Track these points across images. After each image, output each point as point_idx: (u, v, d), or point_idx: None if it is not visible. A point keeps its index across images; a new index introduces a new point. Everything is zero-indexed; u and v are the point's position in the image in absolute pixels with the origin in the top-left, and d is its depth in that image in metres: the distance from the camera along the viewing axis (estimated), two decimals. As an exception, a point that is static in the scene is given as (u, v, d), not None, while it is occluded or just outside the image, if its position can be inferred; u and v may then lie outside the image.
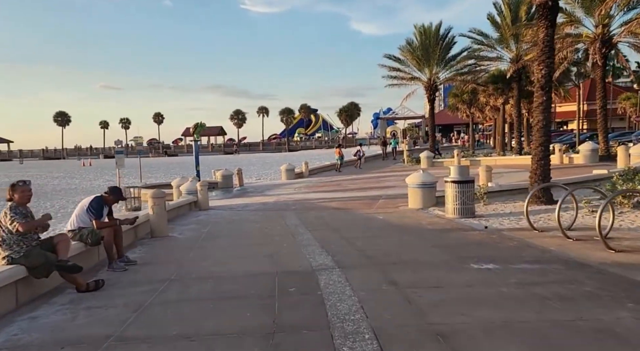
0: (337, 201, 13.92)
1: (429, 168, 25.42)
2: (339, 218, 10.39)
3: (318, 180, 22.91)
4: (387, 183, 18.70)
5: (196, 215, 12.40)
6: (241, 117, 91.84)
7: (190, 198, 13.99)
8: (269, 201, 15.09)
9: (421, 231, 8.25)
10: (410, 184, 11.62)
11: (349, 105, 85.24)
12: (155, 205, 8.52)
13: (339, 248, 6.90)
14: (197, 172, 20.14)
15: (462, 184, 9.46)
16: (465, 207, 9.49)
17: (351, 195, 15.37)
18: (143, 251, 7.31)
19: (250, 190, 19.38)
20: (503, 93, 28.57)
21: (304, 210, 12.35)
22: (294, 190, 18.30)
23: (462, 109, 36.31)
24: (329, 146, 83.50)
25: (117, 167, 20.57)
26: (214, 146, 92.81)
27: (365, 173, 24.91)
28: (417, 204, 11.39)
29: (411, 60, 27.19)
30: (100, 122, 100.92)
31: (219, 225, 10.35)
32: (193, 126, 19.95)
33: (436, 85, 27.53)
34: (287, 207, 13.11)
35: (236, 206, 14.28)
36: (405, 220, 9.64)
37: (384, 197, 14.12)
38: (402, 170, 25.57)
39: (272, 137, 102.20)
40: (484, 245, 6.74)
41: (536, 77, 10.46)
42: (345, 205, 12.72)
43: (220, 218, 11.65)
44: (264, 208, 13.41)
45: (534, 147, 10.42)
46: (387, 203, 12.62)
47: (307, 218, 10.67)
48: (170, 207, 11.81)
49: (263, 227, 9.56)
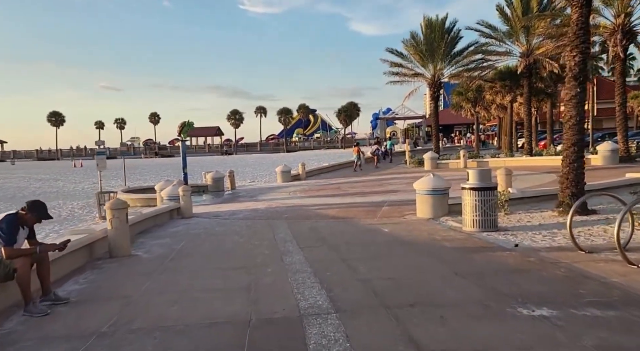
0: (335, 208, 12.43)
1: (433, 170, 23.97)
2: (337, 231, 8.89)
3: (315, 182, 21.42)
4: (389, 187, 17.21)
5: (175, 225, 10.90)
6: (238, 117, 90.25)
7: (170, 205, 12.50)
8: (260, 207, 13.60)
9: (438, 250, 6.74)
10: (419, 190, 10.12)
11: (348, 105, 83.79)
12: (114, 218, 7.01)
13: (337, 277, 5.40)
14: (185, 174, 18.60)
15: (484, 192, 7.96)
16: (487, 218, 7.98)
17: (351, 200, 13.88)
18: (88, 280, 5.78)
19: (242, 194, 17.90)
20: (511, 91, 27.06)
21: (297, 219, 10.86)
22: (288, 195, 16.81)
23: (467, 108, 34.72)
24: (327, 147, 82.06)
25: (98, 169, 19.02)
26: (211, 147, 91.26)
27: (365, 175, 23.42)
28: (427, 213, 9.89)
29: (414, 55, 25.63)
30: (96, 122, 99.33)
31: (197, 239, 8.84)
32: (180, 125, 18.40)
33: (440, 82, 25.99)
34: (279, 215, 11.63)
35: (223, 213, 12.80)
36: (416, 233, 8.14)
37: (387, 203, 12.63)
38: (405, 172, 24.09)
39: (270, 138, 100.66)
40: (523, 274, 5.23)
41: (568, 65, 8.96)
42: (344, 214, 11.23)
43: (202, 229, 10.15)
44: (254, 216, 11.92)
45: (564, 147, 8.90)
46: (392, 211, 11.13)
47: (300, 230, 9.17)
48: (144, 217, 10.31)
49: (247, 242, 8.05)
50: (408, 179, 19.86)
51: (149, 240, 8.74)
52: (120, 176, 33.30)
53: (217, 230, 9.87)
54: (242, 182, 24.64)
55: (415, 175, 22.29)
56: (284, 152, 78.90)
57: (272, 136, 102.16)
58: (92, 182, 28.58)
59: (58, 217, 14.35)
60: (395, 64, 26.20)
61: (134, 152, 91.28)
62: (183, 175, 18.71)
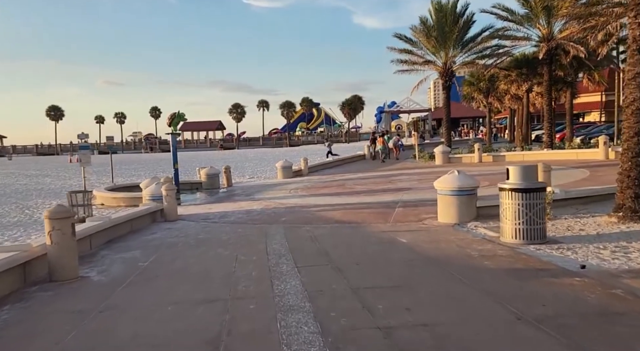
0: (340, 209, 10.80)
1: (445, 165, 22.26)
2: (343, 242, 7.25)
3: (319, 179, 19.78)
4: (400, 184, 15.54)
5: (154, 231, 9.30)
6: (240, 110, 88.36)
7: (151, 207, 10.89)
8: (255, 208, 11.98)
9: (479, 273, 5.08)
10: (441, 190, 8.45)
11: (352, 98, 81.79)
12: (55, 231, 5.37)
13: (347, 321, 3.77)
14: (175, 170, 16.99)
15: (530, 194, 6.28)
16: (534, 227, 6.31)
17: (358, 200, 12.23)
18: (-2, 321, 4.16)
19: (238, 193, 16.29)
20: (527, 80, 25.25)
21: (296, 223, 9.24)
22: (288, 193, 15.19)
23: (478, 99, 32.78)
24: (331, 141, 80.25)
25: (81, 165, 17.44)
26: (213, 141, 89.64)
27: (372, 171, 21.75)
28: (452, 217, 8.24)
29: (425, 41, 23.78)
30: (96, 116, 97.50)
31: (172, 251, 7.22)
32: (169, 117, 16.75)
33: (452, 70, 24.17)
34: (275, 219, 10.02)
35: (213, 215, 11.20)
36: (443, 246, 6.49)
37: (400, 203, 10.98)
38: (414, 167, 22.40)
39: (272, 132, 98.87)
40: (623, 321, 3.57)
41: (631, 36, 7.24)
42: (351, 217, 9.59)
43: (182, 236, 8.54)
44: (246, 219, 10.31)
45: (625, 137, 7.20)
46: (406, 214, 9.49)
47: (298, 239, 7.55)
48: (113, 223, 8.71)
49: (232, 258, 6.44)
50: (419, 175, 18.17)
51: (113, 253, 7.14)
52: (116, 172, 31.77)
53: (200, 238, 8.25)
54: (240, 178, 23.02)
55: (427, 171, 20.66)
56: (286, 146, 77.21)
57: (275, 130, 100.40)
58: (81, 179, 27.03)
59: (29, 220, 12.78)
60: (404, 50, 24.36)
61: (134, 147, 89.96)
62: (174, 171, 17.13)
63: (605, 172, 13.51)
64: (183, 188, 18.40)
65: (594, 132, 29.37)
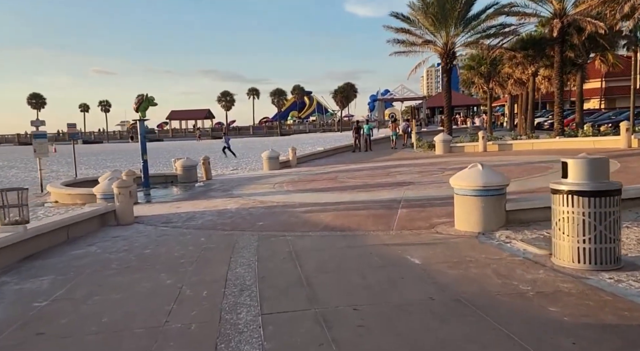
0: (331, 209, 8.89)
1: (446, 154, 20.40)
2: (333, 263, 5.33)
3: (308, 170, 17.84)
4: (399, 177, 13.62)
5: (92, 242, 7.34)
6: (229, 98, 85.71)
7: (100, 207, 8.88)
8: (230, 207, 10.04)
9: (549, 337, 3.17)
10: (460, 189, 6.53)
11: (345, 86, 79.56)
12: None
13: None
14: (144, 162, 14.96)
15: (602, 199, 4.38)
16: (606, 246, 4.42)
17: (352, 197, 10.31)
18: None
19: (216, 187, 14.31)
20: (534, 62, 23.34)
21: (275, 230, 7.33)
22: (272, 187, 13.24)
23: (479, 84, 30.77)
24: (323, 130, 78.17)
25: (37, 156, 15.36)
26: (202, 130, 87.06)
27: (367, 162, 19.83)
28: (473, 224, 6.35)
29: (423, 20, 21.71)
30: (80, 104, 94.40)
31: (97, 278, 5.26)
32: (136, 101, 14.66)
33: (453, 51, 22.15)
34: (250, 223, 8.09)
35: (178, 217, 9.26)
36: (474, 272, 4.59)
37: (403, 202, 9.08)
38: (413, 157, 20.50)
39: (263, 121, 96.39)
40: None
41: None
42: (344, 220, 7.68)
43: (124, 251, 6.58)
44: (216, 223, 8.38)
45: None
46: (413, 217, 7.59)
47: (273, 258, 5.63)
48: (45, 229, 6.75)
49: (173, 292, 4.50)
50: (420, 167, 16.26)
51: (15, 281, 5.17)
52: (92, 163, 29.63)
53: (145, 255, 6.29)
54: (222, 170, 21.02)
55: (427, 162, 18.65)
56: (277, 135, 75.00)
57: (265, 119, 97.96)
58: (52, 170, 24.90)
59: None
60: (401, 29, 22.25)
61: (120, 136, 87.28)
62: (142, 162, 15.09)
63: (638, 163, 11.69)
64: (156, 182, 16.40)
65: (602, 119, 27.63)
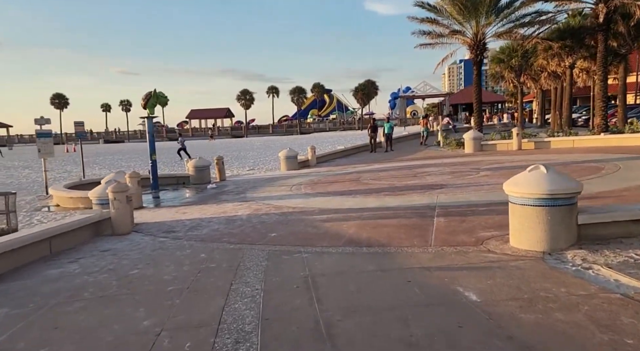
0: (355, 217, 7.69)
1: (476, 153, 18.93)
2: (362, 298, 4.11)
3: (328, 170, 16.65)
4: (429, 178, 12.30)
5: (75, 257, 6.33)
6: (249, 97, 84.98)
7: (93, 215, 7.86)
8: (241, 214, 8.93)
9: None
10: (517, 196, 5.24)
11: (366, 83, 78.02)
12: None
13: None
14: (153, 162, 14.00)
15: None
16: None
17: (379, 202, 9.07)
18: None
19: (229, 189, 13.26)
20: (572, 53, 21.62)
21: (289, 244, 6.18)
22: (289, 190, 12.10)
23: (509, 78, 28.99)
24: (343, 128, 76.84)
25: (41, 156, 14.53)
26: (221, 129, 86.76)
27: (391, 161, 18.52)
28: (536, 241, 5.06)
29: (451, 8, 20.25)
30: (102, 104, 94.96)
31: (58, 314, 4.18)
32: (144, 97, 13.69)
33: (484, 42, 20.61)
34: (261, 234, 6.97)
35: (182, 226, 8.21)
36: (559, 319, 3.32)
37: (438, 209, 7.83)
38: (440, 156, 19.09)
39: (283, 119, 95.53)
40: None
41: None
42: (371, 232, 6.46)
43: (107, 272, 5.51)
44: (222, 233, 7.29)
45: None
46: (453, 229, 6.33)
47: (283, 287, 4.46)
48: (19, 243, 5.74)
49: (148, 335, 3.36)
50: (450, 167, 14.87)
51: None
52: (107, 162, 29.00)
53: (129, 278, 5.20)
54: (238, 170, 19.99)
55: (457, 161, 17.14)
56: (297, 134, 74.06)
57: (285, 117, 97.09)
58: (65, 170, 24.28)
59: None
60: (427, 20, 20.82)
61: (141, 136, 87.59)
62: (151, 162, 14.13)
63: None
64: (167, 183, 15.50)
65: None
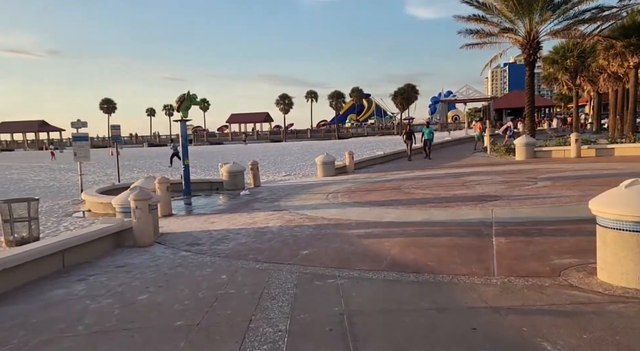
0: (398, 234, 6.77)
1: (528, 160, 17.48)
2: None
3: (366, 177, 15.72)
4: (479, 188, 11.16)
5: (86, 275, 5.73)
6: (287, 102, 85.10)
7: (113, 225, 7.27)
8: (272, 226, 8.18)
9: None
10: (612, 219, 4.17)
11: (406, 87, 76.36)
12: None
13: None
14: (185, 167, 13.54)
15: None
16: None
17: (425, 216, 8.07)
18: None
19: (263, 196, 12.57)
20: (638, 52, 19.75)
21: (322, 265, 5.34)
22: (325, 199, 11.26)
23: (562, 80, 27.09)
24: (382, 133, 75.49)
25: (77, 160, 14.36)
26: (260, 134, 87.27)
27: (433, 168, 17.37)
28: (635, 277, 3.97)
29: (502, 5, 18.88)
30: (147, 109, 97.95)
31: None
32: (178, 99, 13.25)
33: (538, 41, 19.10)
34: (292, 251, 6.16)
35: (208, 237, 7.55)
36: None
37: (496, 226, 6.79)
38: (488, 163, 17.77)
39: (321, 124, 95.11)
40: None
41: None
42: (418, 254, 5.52)
43: (113, 295, 4.86)
44: (250, 248, 6.56)
45: None
46: (520, 253, 5.30)
47: (313, 326, 3.62)
48: (26, 257, 5.18)
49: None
50: (501, 176, 13.58)
51: None
52: (147, 166, 29.19)
53: (135, 306, 4.49)
54: (274, 176, 19.39)
55: (509, 169, 15.52)
56: (335, 138, 73.34)
57: (323, 122, 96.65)
58: (105, 174, 24.45)
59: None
60: (474, 17, 19.54)
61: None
62: (183, 167, 13.66)
63: None
64: (201, 189, 15.01)
65: None
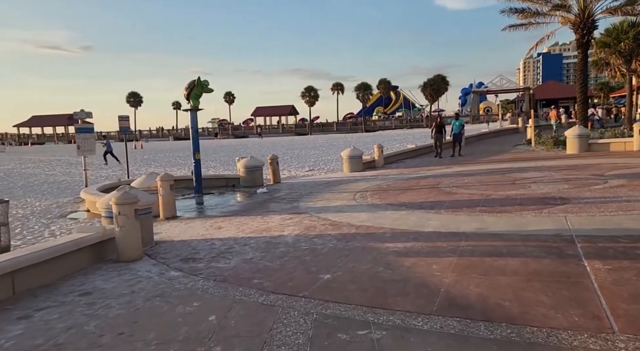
0: (447, 252, 5.16)
1: (582, 154, 15.45)
2: None
3: (398, 173, 14.07)
4: (535, 188, 9.37)
5: (36, 307, 4.34)
6: (313, 94, 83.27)
7: (86, 236, 5.86)
8: (287, 234, 6.70)
9: None
10: None
11: (436, 78, 73.54)
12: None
13: None
14: (196, 162, 12.19)
15: None
16: None
17: (476, 223, 6.39)
18: None
19: (281, 195, 11.12)
20: None
21: (349, 300, 3.77)
22: (352, 198, 9.71)
23: (615, 65, 24.57)
24: (410, 126, 73.06)
25: (80, 154, 13.22)
26: (285, 127, 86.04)
27: (472, 163, 15.54)
28: None
29: (552, -21, 16.78)
30: (173, 103, 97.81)
31: None
32: (187, 86, 11.86)
33: (592, 19, 16.90)
34: (309, 277, 4.65)
35: (209, 249, 6.14)
36: None
37: (581, 242, 5.12)
38: (536, 157, 15.81)
39: (347, 117, 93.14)
40: None
41: None
42: (483, 286, 3.88)
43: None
44: (253, 269, 5.08)
45: None
46: (633, 285, 3.58)
47: None
48: None
49: None
50: (557, 171, 11.66)
51: None
52: (165, 160, 28.21)
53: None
54: (296, 171, 17.89)
55: (565, 164, 12.82)
56: (362, 131, 71.38)
57: (350, 115, 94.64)
58: (122, 168, 23.49)
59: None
60: (521, -5, 17.48)
61: (207, 133, 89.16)
62: (194, 162, 12.31)
63: None
64: (215, 185, 13.71)
65: None
